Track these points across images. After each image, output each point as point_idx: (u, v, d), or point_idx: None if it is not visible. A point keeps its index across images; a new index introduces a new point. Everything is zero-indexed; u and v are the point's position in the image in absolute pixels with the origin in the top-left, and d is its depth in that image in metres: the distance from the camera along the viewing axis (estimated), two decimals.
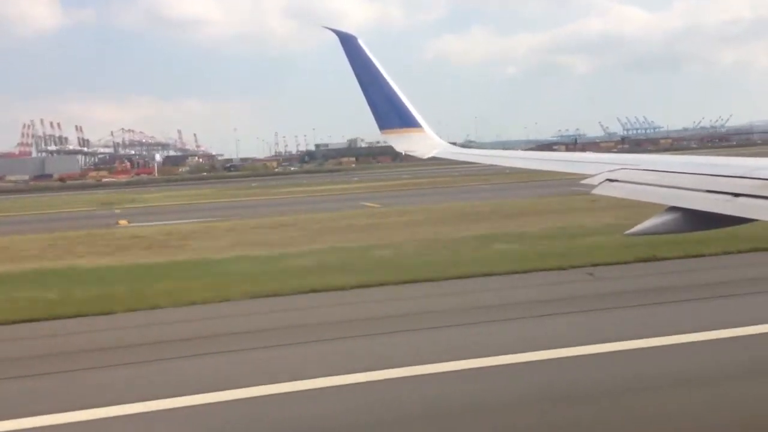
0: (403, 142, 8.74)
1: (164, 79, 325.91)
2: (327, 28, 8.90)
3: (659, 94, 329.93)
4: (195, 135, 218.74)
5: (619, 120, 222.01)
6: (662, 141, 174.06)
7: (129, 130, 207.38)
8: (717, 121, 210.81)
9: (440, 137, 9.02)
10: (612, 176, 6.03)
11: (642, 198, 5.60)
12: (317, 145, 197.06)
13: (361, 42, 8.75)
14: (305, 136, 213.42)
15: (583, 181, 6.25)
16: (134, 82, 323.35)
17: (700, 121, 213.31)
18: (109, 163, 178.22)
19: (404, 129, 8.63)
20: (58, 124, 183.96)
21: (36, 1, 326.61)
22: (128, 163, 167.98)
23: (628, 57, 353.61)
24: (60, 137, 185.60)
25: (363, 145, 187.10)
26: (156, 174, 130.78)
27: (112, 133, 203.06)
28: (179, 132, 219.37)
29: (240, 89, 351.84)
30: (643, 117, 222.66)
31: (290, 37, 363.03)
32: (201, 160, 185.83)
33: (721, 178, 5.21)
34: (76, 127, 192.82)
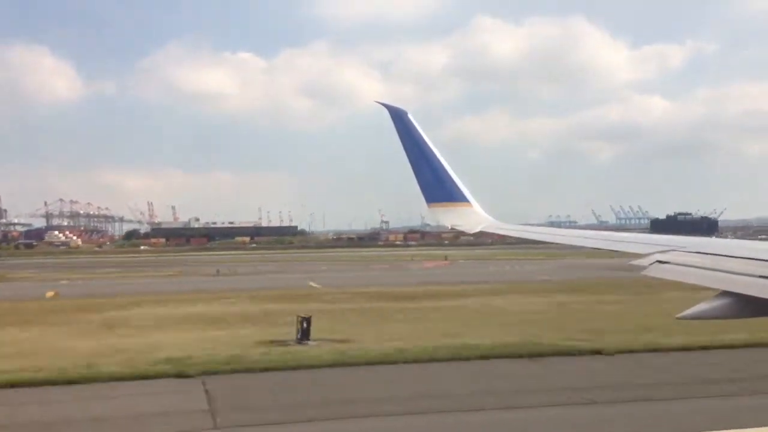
0: (449, 216, 8.80)
1: (186, 151, 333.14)
2: (379, 102, 9.15)
3: (664, 183, 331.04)
4: (173, 207, 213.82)
5: (612, 208, 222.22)
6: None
7: (73, 201, 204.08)
8: (711, 213, 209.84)
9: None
10: (663, 258, 6.03)
11: (693, 281, 5.55)
12: (155, 224, 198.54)
13: (411, 116, 8.95)
14: (290, 211, 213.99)
15: (634, 262, 6.24)
16: (162, 155, 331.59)
17: (695, 213, 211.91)
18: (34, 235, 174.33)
19: (451, 203, 8.71)
20: None
21: (56, 73, 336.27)
22: None
23: (636, 146, 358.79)
24: None
25: (197, 225, 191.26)
26: None
27: (45, 204, 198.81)
28: (150, 204, 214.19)
29: (252, 163, 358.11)
30: (638, 206, 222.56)
31: (306, 115, 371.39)
32: (65, 235, 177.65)
33: None
34: None
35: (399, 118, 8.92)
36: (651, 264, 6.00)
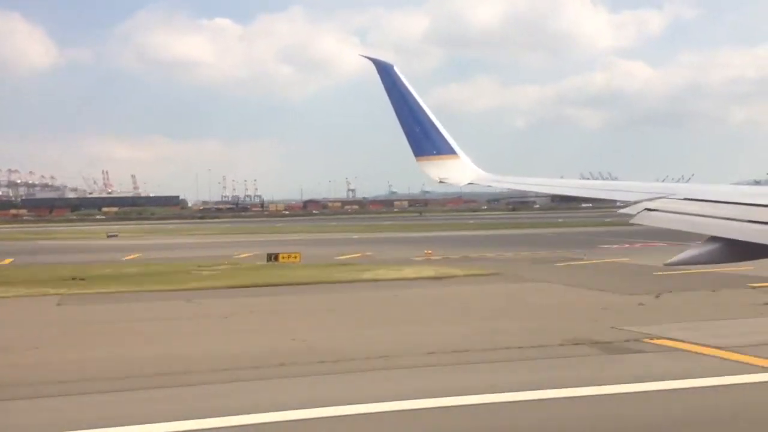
0: (436, 169, 8.71)
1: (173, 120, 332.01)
2: (364, 56, 9.02)
3: (645, 150, 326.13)
4: (133, 176, 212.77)
5: (582, 174, 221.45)
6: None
7: (12, 170, 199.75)
8: (679, 180, 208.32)
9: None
10: (651, 205, 5.95)
11: (682, 228, 5.51)
12: (30, 193, 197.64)
13: (397, 70, 8.82)
14: (255, 180, 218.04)
15: (621, 210, 6.18)
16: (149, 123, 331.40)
17: (664, 179, 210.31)
18: None
19: (439, 156, 8.62)
20: None
21: (31, 39, 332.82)
22: None
23: (619, 113, 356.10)
24: None
25: (71, 195, 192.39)
26: None
27: None
28: (104, 173, 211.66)
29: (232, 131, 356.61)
30: (608, 173, 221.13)
31: (286, 82, 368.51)
32: None
33: (764, 208, 5.12)
34: None
35: (385, 71, 8.78)
36: (639, 212, 5.94)
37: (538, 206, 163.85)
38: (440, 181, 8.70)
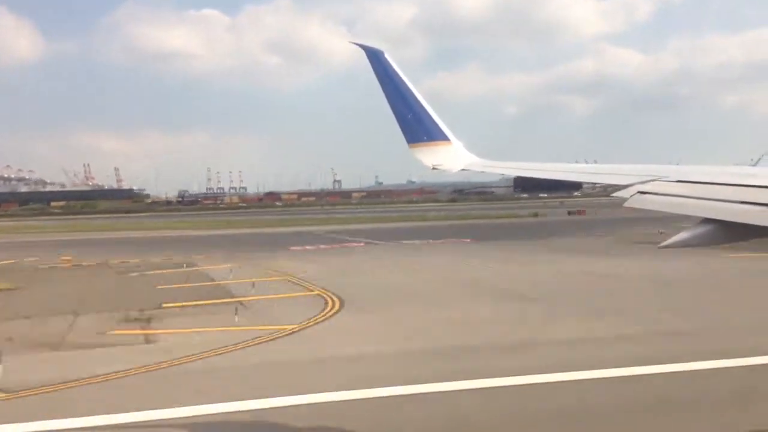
0: (430, 156, 8.65)
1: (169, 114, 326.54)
2: (354, 43, 8.95)
3: (636, 136, 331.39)
4: (116, 169, 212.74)
5: (568, 162, 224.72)
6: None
7: None
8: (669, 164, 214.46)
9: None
10: (644, 188, 6.00)
11: (675, 210, 5.55)
12: None
13: (387, 56, 8.76)
14: (240, 172, 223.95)
15: (615, 194, 6.21)
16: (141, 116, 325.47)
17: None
18: None
19: (432, 142, 8.57)
20: None
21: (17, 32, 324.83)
22: None
23: (609, 99, 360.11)
24: None
25: (25, 189, 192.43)
26: None
27: None
28: (86, 166, 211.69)
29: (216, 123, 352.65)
30: (594, 160, 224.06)
31: (274, 73, 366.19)
32: None
33: (755, 189, 5.20)
34: None
35: (375, 58, 8.71)
36: (632, 195, 5.99)
37: (491, 196, 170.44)
38: (433, 168, 8.65)
